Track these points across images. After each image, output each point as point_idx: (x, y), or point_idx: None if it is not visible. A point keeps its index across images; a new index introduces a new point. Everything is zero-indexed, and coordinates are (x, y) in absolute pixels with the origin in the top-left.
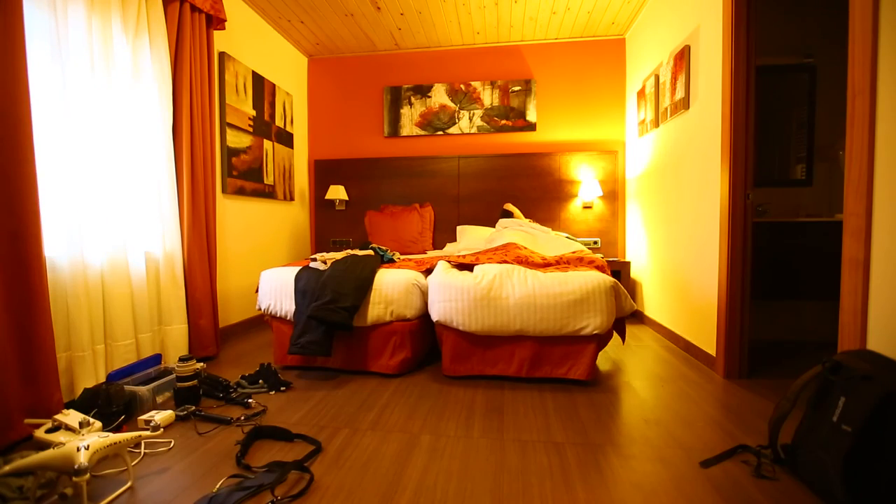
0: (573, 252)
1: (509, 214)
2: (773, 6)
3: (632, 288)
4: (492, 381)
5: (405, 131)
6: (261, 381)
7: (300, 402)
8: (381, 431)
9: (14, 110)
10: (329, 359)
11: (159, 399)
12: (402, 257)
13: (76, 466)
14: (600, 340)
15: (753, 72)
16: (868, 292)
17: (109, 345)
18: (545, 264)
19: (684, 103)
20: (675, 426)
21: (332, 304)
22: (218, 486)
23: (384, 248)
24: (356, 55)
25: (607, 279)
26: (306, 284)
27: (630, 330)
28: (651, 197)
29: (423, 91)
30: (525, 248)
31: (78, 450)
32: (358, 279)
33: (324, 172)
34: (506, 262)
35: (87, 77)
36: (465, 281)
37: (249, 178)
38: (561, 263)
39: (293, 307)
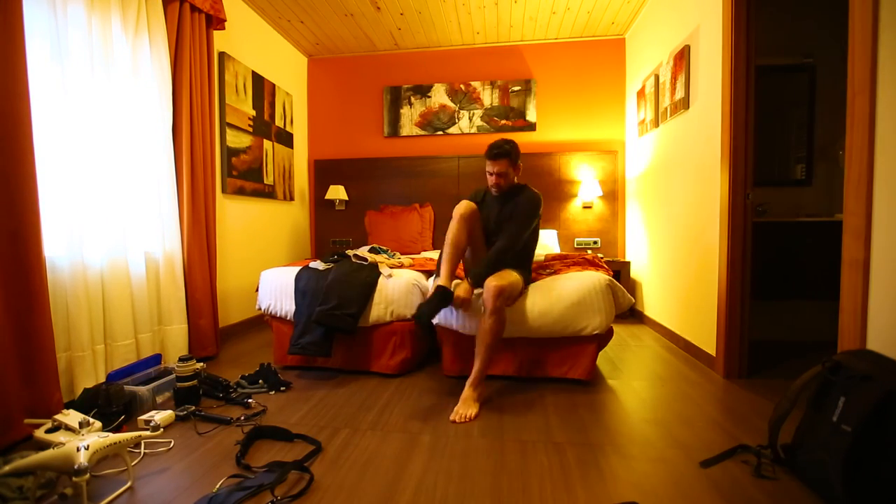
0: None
1: None
2: (773, 6)
3: (632, 288)
4: (492, 381)
5: (405, 131)
6: (261, 381)
7: (300, 402)
8: (381, 431)
9: (14, 110)
10: (329, 359)
11: (159, 399)
12: (403, 257)
13: (76, 466)
14: (600, 340)
15: (753, 72)
16: (868, 292)
17: (109, 345)
18: (540, 266)
19: (684, 103)
20: (675, 426)
21: (337, 310)
22: (218, 486)
23: (384, 247)
24: (356, 55)
25: (603, 278)
26: (306, 285)
27: (630, 330)
28: (651, 197)
29: (422, 91)
30: None
31: (78, 450)
32: (363, 284)
33: (324, 172)
34: None
35: (87, 77)
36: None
37: (249, 178)
38: (556, 262)
39: (293, 307)
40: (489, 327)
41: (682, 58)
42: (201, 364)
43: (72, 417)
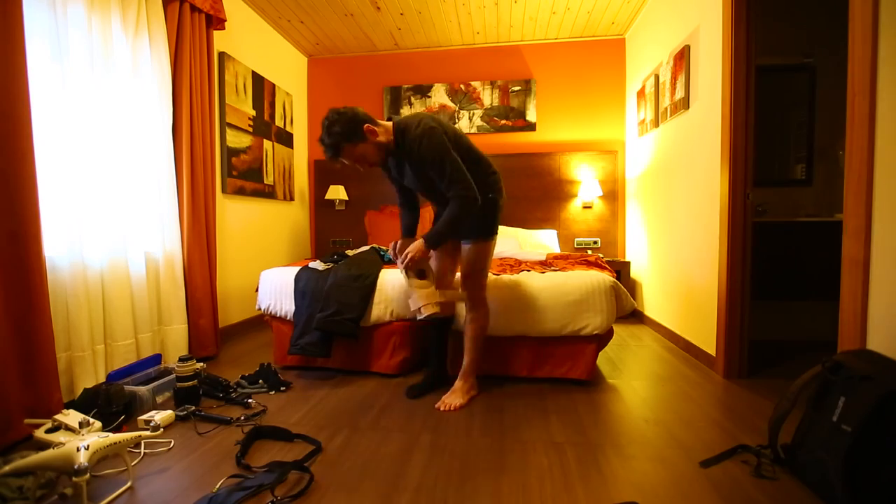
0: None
1: None
2: (773, 6)
3: (632, 288)
4: (492, 381)
5: None
6: (261, 381)
7: (300, 402)
8: (381, 431)
9: (14, 110)
10: (329, 359)
11: (159, 399)
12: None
13: (76, 466)
14: (600, 340)
15: (753, 72)
16: (868, 292)
17: (109, 345)
18: (544, 263)
19: (684, 103)
20: (675, 426)
21: (337, 316)
22: (218, 486)
23: (385, 248)
24: (356, 55)
25: (607, 279)
26: (306, 285)
27: (630, 330)
28: (651, 197)
29: (422, 91)
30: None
31: (78, 450)
32: (362, 289)
33: (324, 172)
34: (504, 267)
35: (87, 76)
36: None
37: (249, 178)
38: (559, 261)
39: (293, 307)
40: (468, 327)
41: (682, 58)
42: (201, 364)
43: (72, 417)
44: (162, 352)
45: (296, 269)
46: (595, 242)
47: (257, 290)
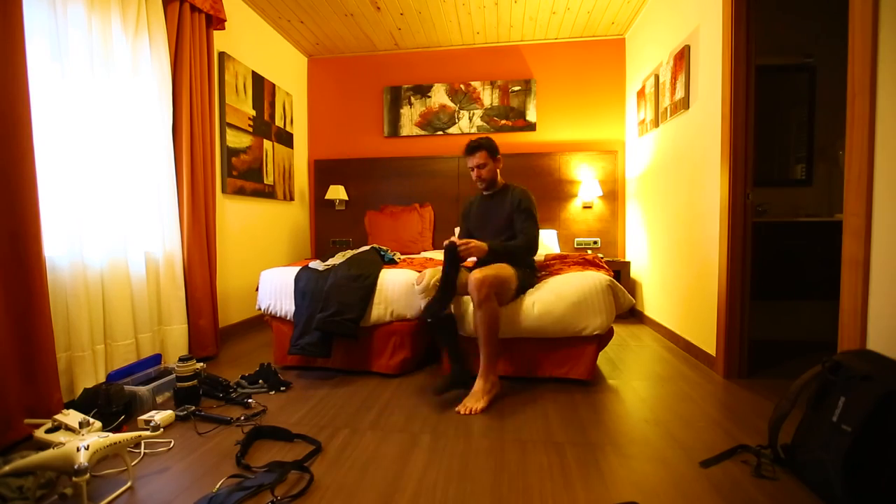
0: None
1: None
2: (773, 6)
3: (632, 288)
4: None
5: (405, 131)
6: (261, 381)
7: (300, 402)
8: (381, 431)
9: (14, 110)
10: (329, 359)
11: (159, 399)
12: (403, 257)
13: (76, 466)
14: (600, 340)
15: (753, 72)
16: (868, 292)
17: (109, 345)
18: (541, 266)
19: (684, 103)
20: (675, 426)
21: (337, 316)
22: (218, 486)
23: (385, 248)
24: (356, 55)
25: (603, 278)
26: (306, 285)
27: (630, 330)
28: (651, 197)
29: (422, 91)
30: None
31: (78, 450)
32: (362, 289)
33: (324, 172)
34: None
35: (87, 76)
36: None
37: (249, 178)
38: (557, 262)
39: (293, 307)
40: (479, 320)
41: (682, 58)
42: (201, 364)
43: (72, 417)
44: (162, 352)
45: (296, 269)
46: (595, 242)
47: (257, 290)
